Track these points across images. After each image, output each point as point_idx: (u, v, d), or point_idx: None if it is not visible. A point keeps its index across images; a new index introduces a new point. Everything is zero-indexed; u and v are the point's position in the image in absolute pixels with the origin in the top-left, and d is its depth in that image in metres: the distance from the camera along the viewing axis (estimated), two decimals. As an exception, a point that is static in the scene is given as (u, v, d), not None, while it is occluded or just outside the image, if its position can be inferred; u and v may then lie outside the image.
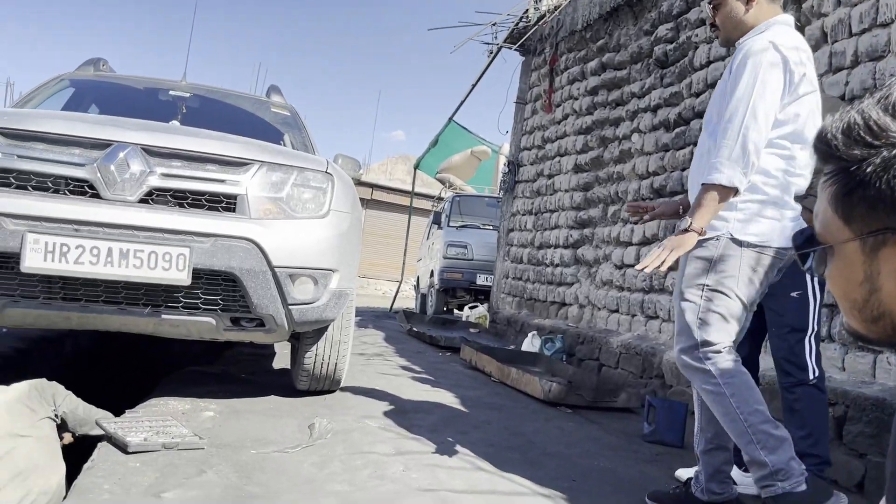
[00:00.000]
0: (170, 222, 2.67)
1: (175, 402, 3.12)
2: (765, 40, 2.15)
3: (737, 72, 2.16)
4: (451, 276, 9.90)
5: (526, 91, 8.03)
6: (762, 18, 2.24)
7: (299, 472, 2.42)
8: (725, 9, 2.27)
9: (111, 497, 2.05)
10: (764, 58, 2.11)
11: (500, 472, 2.65)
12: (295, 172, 2.99)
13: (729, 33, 2.31)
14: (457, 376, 4.80)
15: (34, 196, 2.59)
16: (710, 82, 4.66)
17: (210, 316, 2.83)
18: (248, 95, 4.96)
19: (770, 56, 2.12)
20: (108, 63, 4.73)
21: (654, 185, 5.19)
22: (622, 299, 5.39)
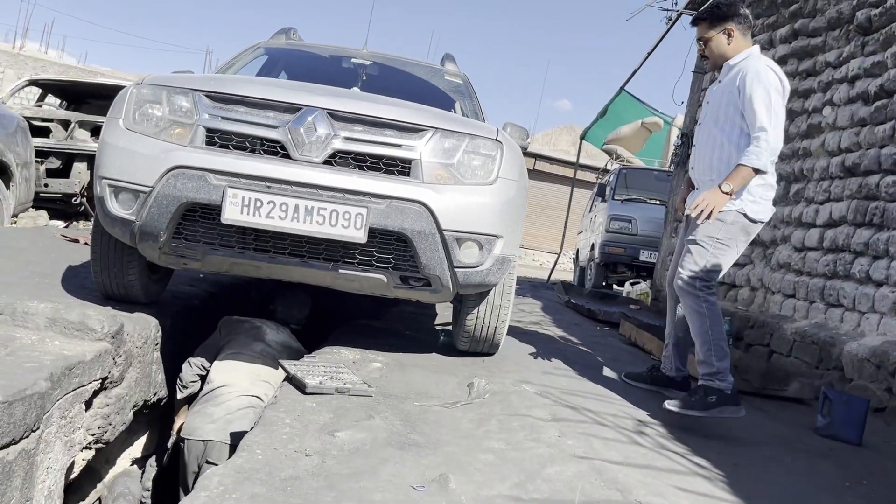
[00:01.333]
0: (350, 183, 2.84)
1: (346, 352, 3.34)
2: (764, 66, 3.06)
3: (753, 88, 3.00)
4: (612, 250, 9.69)
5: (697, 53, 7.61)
6: (740, 48, 3.20)
7: (458, 426, 2.53)
8: (712, 43, 3.23)
9: (291, 430, 2.26)
10: (771, 82, 3.02)
11: (656, 448, 2.62)
12: (466, 139, 3.06)
13: (716, 61, 3.27)
14: (615, 351, 4.75)
15: (234, 154, 2.85)
16: (921, 50, 4.19)
17: (382, 273, 2.99)
18: (423, 63, 5.10)
19: (772, 77, 3.04)
20: (297, 32, 5.05)
21: (845, 162, 4.77)
22: (800, 284, 5.05)
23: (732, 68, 3.18)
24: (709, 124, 3.25)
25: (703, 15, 3.28)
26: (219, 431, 3.22)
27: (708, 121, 3.27)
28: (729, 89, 3.14)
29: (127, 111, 2.96)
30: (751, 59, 3.14)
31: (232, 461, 1.98)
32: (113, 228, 3.00)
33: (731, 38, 3.19)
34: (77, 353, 2.61)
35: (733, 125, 3.13)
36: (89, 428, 2.82)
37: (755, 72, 3.04)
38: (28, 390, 2.19)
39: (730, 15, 3.18)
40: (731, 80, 3.15)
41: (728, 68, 3.21)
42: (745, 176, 2.97)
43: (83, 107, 8.48)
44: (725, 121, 3.15)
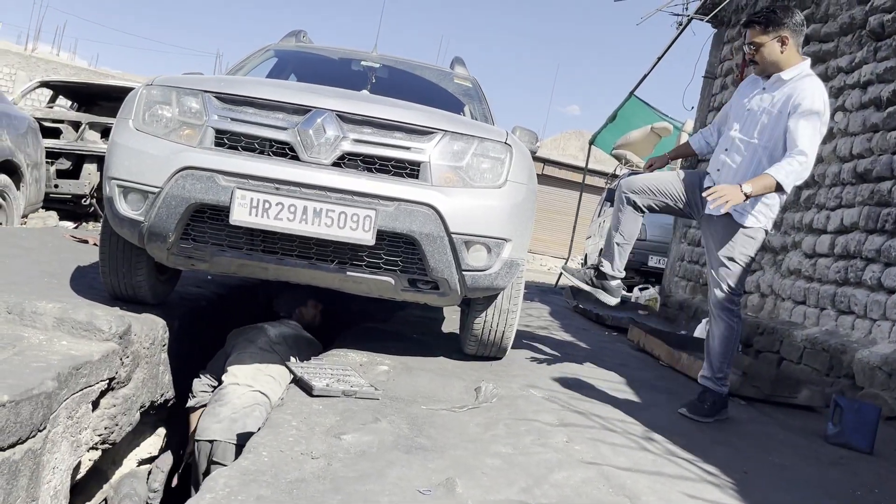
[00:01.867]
0: (359, 185, 2.83)
1: (354, 355, 3.33)
2: (820, 95, 3.04)
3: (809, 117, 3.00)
4: (621, 255, 9.65)
5: (716, 65, 7.60)
6: (792, 59, 3.10)
7: (465, 430, 2.51)
8: (765, 49, 3.11)
9: (298, 433, 2.24)
10: (823, 114, 3.03)
11: (666, 454, 2.59)
12: (475, 142, 3.05)
13: (767, 68, 3.15)
14: (623, 356, 4.72)
15: (243, 155, 2.85)
16: (935, 55, 4.16)
17: (390, 276, 2.98)
18: (433, 66, 5.10)
19: (825, 113, 3.04)
20: (307, 34, 5.06)
21: (857, 168, 4.74)
22: (810, 291, 5.01)
23: (785, 83, 3.10)
24: (751, 133, 3.17)
25: (758, 19, 3.14)
26: (224, 431, 3.22)
27: (750, 129, 3.18)
28: (780, 108, 3.08)
29: (137, 112, 2.97)
30: (805, 79, 3.08)
31: (238, 463, 1.97)
32: (121, 229, 3.00)
33: (785, 46, 3.08)
34: (84, 353, 2.61)
35: (777, 144, 3.10)
36: (96, 428, 2.81)
37: (811, 99, 3.01)
38: (35, 390, 2.18)
39: (786, 22, 3.08)
40: (784, 98, 3.08)
41: (780, 82, 3.13)
42: (768, 186, 2.97)
43: (94, 108, 8.52)
44: (770, 139, 3.12)
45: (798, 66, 3.11)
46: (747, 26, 3.20)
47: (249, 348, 3.55)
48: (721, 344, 3.28)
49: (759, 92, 3.21)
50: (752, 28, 3.14)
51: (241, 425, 3.20)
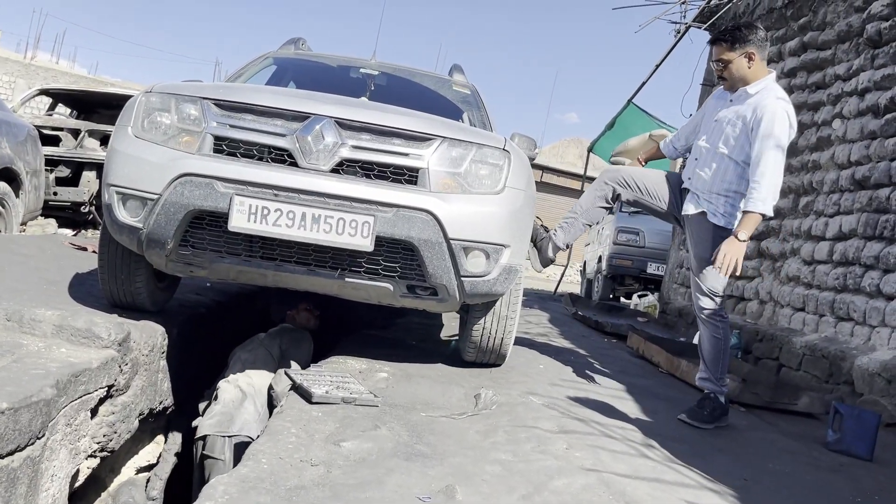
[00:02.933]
0: (357, 192, 2.83)
1: (353, 362, 3.32)
2: (784, 113, 3.12)
3: (765, 127, 3.10)
4: (620, 262, 9.68)
5: (713, 73, 7.61)
6: (759, 72, 3.21)
7: (465, 437, 2.50)
8: (733, 66, 3.21)
9: (297, 440, 2.24)
10: (784, 121, 3.11)
11: (665, 461, 2.59)
12: (474, 149, 3.05)
13: (735, 83, 3.26)
14: (622, 363, 4.71)
15: (242, 162, 2.85)
16: (932, 62, 4.17)
17: (389, 282, 2.98)
18: (432, 73, 5.11)
19: (786, 122, 3.12)
20: (306, 42, 5.07)
21: (855, 175, 4.75)
22: (809, 297, 5.01)
23: (751, 97, 3.22)
24: (717, 144, 3.30)
25: (724, 37, 3.26)
26: (214, 426, 3.27)
27: (716, 140, 3.31)
28: (744, 120, 3.20)
29: (136, 119, 2.97)
30: (769, 92, 3.18)
31: (237, 470, 1.97)
32: (120, 236, 3.00)
33: (752, 61, 3.19)
34: (83, 360, 2.60)
35: (741, 151, 3.22)
36: (94, 436, 2.80)
37: (772, 114, 3.11)
38: (34, 397, 2.18)
39: (751, 38, 3.19)
40: (747, 110, 3.20)
41: (745, 95, 3.24)
42: (756, 222, 3.13)
43: (93, 116, 8.53)
44: (735, 147, 3.23)
45: (763, 79, 3.22)
46: (714, 44, 3.31)
47: (242, 355, 3.60)
48: (712, 347, 3.35)
49: (725, 105, 3.34)
50: (719, 45, 3.25)
51: (229, 418, 3.26)
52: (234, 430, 3.22)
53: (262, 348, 3.66)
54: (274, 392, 3.24)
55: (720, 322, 3.32)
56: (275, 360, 3.58)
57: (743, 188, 3.22)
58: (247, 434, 3.21)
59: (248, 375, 3.45)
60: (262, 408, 3.36)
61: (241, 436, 3.21)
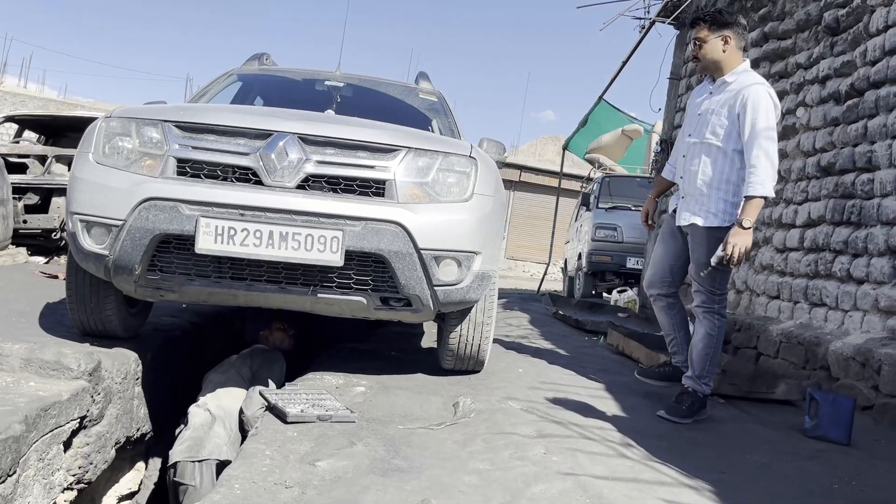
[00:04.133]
0: (324, 207, 2.82)
1: (330, 377, 3.31)
2: (767, 95, 3.16)
3: (756, 115, 3.12)
4: (599, 259, 9.71)
5: (680, 66, 7.68)
6: (733, 60, 3.27)
7: (443, 448, 2.50)
8: (707, 46, 3.28)
9: (272, 462, 2.22)
10: (768, 103, 3.15)
11: (644, 460, 2.60)
12: (440, 157, 3.06)
13: (707, 66, 3.33)
14: (603, 361, 4.73)
15: (206, 183, 2.83)
16: (887, 49, 4.23)
17: (361, 295, 2.97)
18: (398, 83, 5.11)
19: (770, 103, 3.16)
20: (270, 57, 5.05)
21: (821, 162, 4.80)
22: (783, 285, 5.06)
23: (728, 85, 3.27)
24: (704, 135, 3.31)
25: (704, 17, 3.33)
26: (184, 452, 3.24)
27: (702, 132, 3.32)
28: (729, 107, 3.23)
29: (97, 145, 2.94)
30: (747, 77, 3.24)
31: (210, 497, 1.95)
32: (87, 263, 2.97)
33: (727, 45, 3.26)
34: (53, 393, 2.57)
35: (730, 140, 3.24)
36: (69, 468, 2.77)
37: (756, 97, 3.15)
38: (2, 434, 2.15)
39: (730, 23, 3.27)
40: (730, 98, 3.24)
41: (723, 84, 3.30)
42: (759, 206, 3.12)
43: (62, 140, 8.42)
44: (723, 136, 3.24)
45: (738, 67, 3.28)
46: (694, 24, 3.39)
47: (213, 377, 3.59)
48: (703, 343, 3.34)
49: (706, 97, 3.39)
50: (699, 25, 3.32)
51: (199, 442, 3.24)
52: (203, 455, 3.19)
53: (232, 370, 3.64)
54: (244, 416, 3.20)
55: (718, 320, 3.33)
56: (245, 382, 3.55)
57: (735, 177, 3.24)
58: (217, 457, 3.18)
59: (218, 398, 3.43)
60: (233, 430, 3.33)
61: (212, 460, 3.17)
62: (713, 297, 3.33)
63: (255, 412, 3.07)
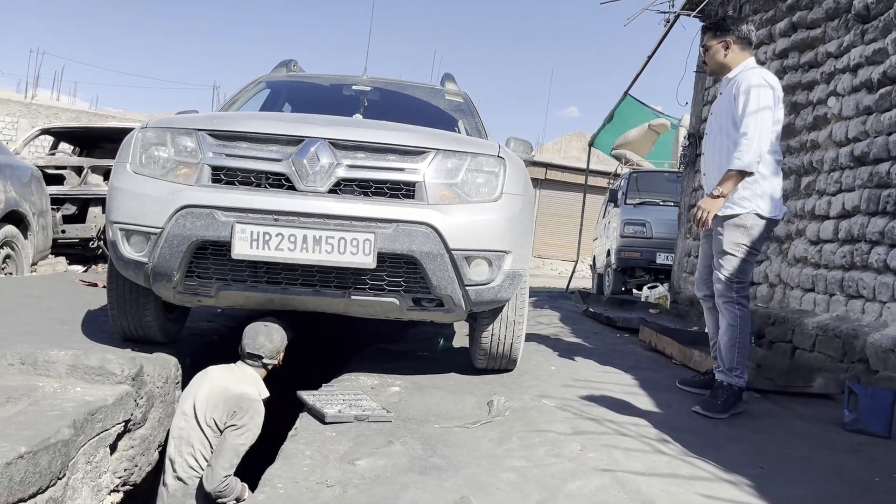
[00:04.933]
0: (356, 210, 2.86)
1: (365, 378, 3.35)
2: (759, 77, 3.30)
3: (745, 97, 3.25)
4: (628, 255, 9.63)
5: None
6: (737, 61, 3.45)
7: (479, 446, 2.52)
8: (711, 51, 3.50)
9: (312, 462, 2.27)
10: (763, 90, 3.25)
11: (680, 455, 2.59)
12: (468, 158, 3.08)
13: (713, 67, 3.57)
14: (635, 358, 4.72)
15: (240, 190, 2.89)
16: (921, 34, 4.16)
17: (394, 296, 3.01)
18: (424, 85, 5.14)
19: (765, 89, 3.27)
20: (298, 63, 5.12)
21: (854, 152, 4.73)
22: (818, 277, 4.99)
23: (731, 80, 3.45)
24: (715, 133, 3.50)
25: (709, 25, 3.61)
26: None
27: (714, 130, 3.53)
28: (729, 100, 3.39)
29: (133, 155, 3.02)
30: (745, 71, 3.41)
31: (254, 497, 2.00)
32: (127, 271, 3.04)
33: (729, 49, 3.46)
34: (98, 397, 2.64)
35: (734, 127, 3.34)
36: (115, 471, 2.85)
37: (747, 82, 3.31)
38: (52, 439, 2.22)
39: (731, 29, 3.47)
40: (731, 91, 3.41)
41: (727, 81, 3.49)
42: (732, 178, 3.21)
43: (95, 151, 8.63)
44: (732, 129, 3.35)
45: (742, 63, 3.46)
46: (703, 31, 3.65)
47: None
48: (727, 334, 3.35)
49: (718, 97, 3.61)
50: (706, 33, 3.59)
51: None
52: None
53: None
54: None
55: (738, 309, 3.33)
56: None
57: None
58: None
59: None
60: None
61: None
62: (731, 285, 3.33)
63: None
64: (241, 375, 3.11)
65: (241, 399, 2.96)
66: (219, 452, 2.86)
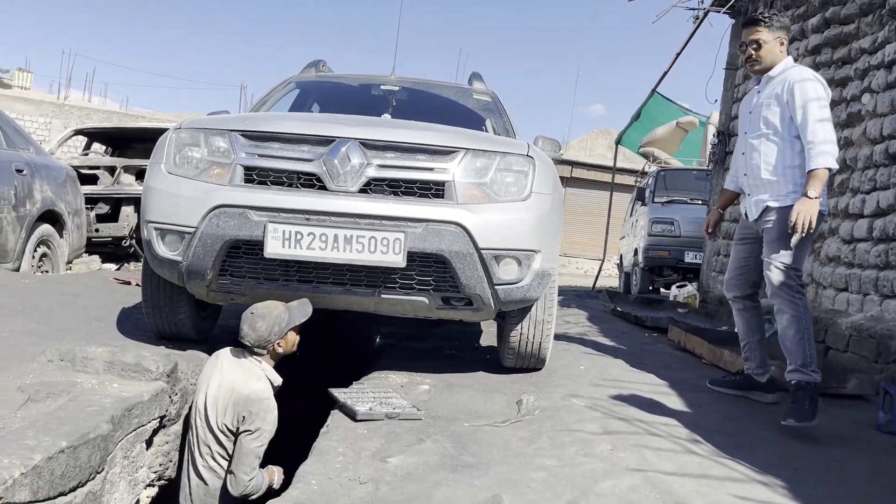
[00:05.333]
0: (386, 209, 2.88)
1: (394, 376, 3.37)
2: (808, 72, 3.27)
3: (799, 93, 3.19)
4: (656, 254, 9.56)
5: (737, 56, 7.51)
6: (782, 57, 3.37)
7: (509, 445, 2.53)
8: (768, 47, 3.34)
9: (344, 459, 2.29)
10: (817, 85, 3.22)
11: (712, 456, 2.58)
12: (498, 157, 3.09)
13: (765, 66, 3.37)
14: (664, 357, 4.69)
15: (272, 190, 2.93)
16: (960, 29, 4.08)
17: (423, 295, 3.02)
18: (452, 84, 5.16)
19: (818, 83, 3.23)
20: (326, 64, 5.16)
21: (889, 149, 4.65)
22: (852, 277, 4.92)
23: (773, 78, 3.35)
24: (758, 128, 3.36)
25: (763, 19, 3.37)
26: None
27: (756, 125, 3.38)
28: (777, 98, 3.28)
29: (168, 155, 3.07)
30: (793, 70, 3.32)
31: (289, 493, 2.02)
32: (161, 270, 3.10)
33: (783, 46, 3.36)
34: (135, 394, 2.69)
35: (786, 127, 3.26)
36: (151, 466, 2.90)
37: (801, 79, 3.22)
38: (91, 434, 2.27)
39: (786, 25, 3.40)
40: (776, 89, 3.30)
41: (768, 79, 3.38)
42: (823, 178, 3.12)
43: (127, 151, 8.77)
44: (778, 125, 3.28)
45: (784, 62, 3.38)
46: (752, 24, 3.39)
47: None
48: (793, 328, 3.19)
49: (756, 94, 3.49)
50: (756, 26, 3.36)
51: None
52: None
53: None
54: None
55: (799, 299, 3.21)
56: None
57: (799, 160, 3.24)
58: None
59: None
60: None
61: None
62: (789, 273, 3.20)
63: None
64: (248, 368, 2.92)
65: (248, 402, 2.80)
66: (238, 459, 2.79)
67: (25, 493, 1.94)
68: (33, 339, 3.20)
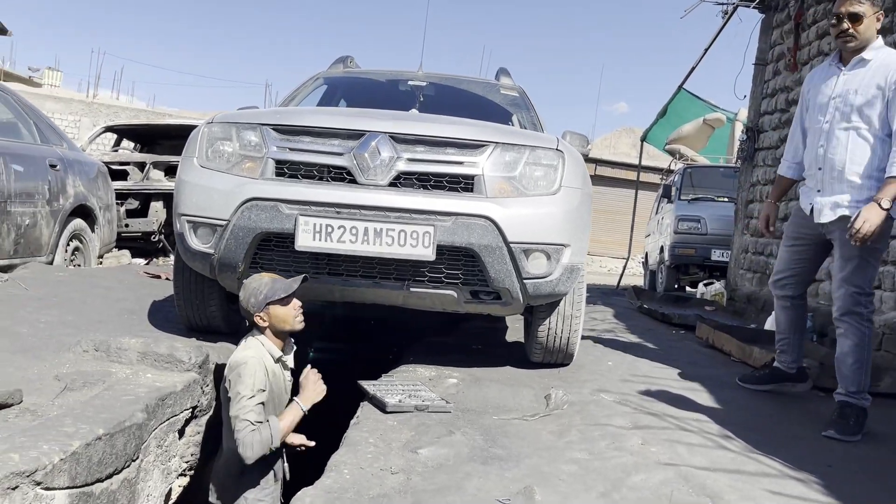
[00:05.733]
0: (416, 203, 2.89)
1: (422, 369, 3.38)
2: None
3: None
4: (682, 251, 9.47)
5: (766, 51, 7.43)
6: (874, 38, 3.05)
7: (539, 438, 2.53)
8: (867, 21, 3.00)
9: (376, 450, 2.30)
10: None
11: (745, 452, 2.56)
12: (527, 151, 3.08)
13: (860, 42, 3.02)
14: (692, 354, 4.65)
15: (303, 183, 2.95)
16: None
17: (452, 289, 3.03)
18: (479, 80, 5.15)
19: None
20: (354, 59, 5.18)
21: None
22: (885, 274, 4.84)
23: (867, 62, 3.02)
24: (849, 117, 3.01)
25: None
26: None
27: (847, 115, 3.02)
28: (878, 87, 2.95)
29: (200, 149, 3.10)
30: (888, 55, 3.01)
31: (321, 482, 2.04)
32: (193, 262, 3.13)
33: (879, 22, 3.04)
34: (168, 384, 2.73)
35: (884, 124, 2.95)
36: (183, 455, 2.94)
37: None
38: (127, 422, 2.31)
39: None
40: (877, 77, 2.96)
41: (861, 62, 3.03)
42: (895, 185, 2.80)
43: (156, 148, 8.88)
44: (873, 119, 2.96)
45: (876, 42, 3.05)
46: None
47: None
48: (854, 355, 3.01)
49: (837, 76, 3.11)
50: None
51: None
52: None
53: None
54: None
55: (866, 327, 2.99)
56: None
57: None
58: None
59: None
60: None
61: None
62: (859, 298, 2.97)
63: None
64: (245, 341, 2.82)
65: (229, 369, 2.67)
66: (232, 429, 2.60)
67: (64, 478, 1.97)
68: (69, 331, 3.26)
